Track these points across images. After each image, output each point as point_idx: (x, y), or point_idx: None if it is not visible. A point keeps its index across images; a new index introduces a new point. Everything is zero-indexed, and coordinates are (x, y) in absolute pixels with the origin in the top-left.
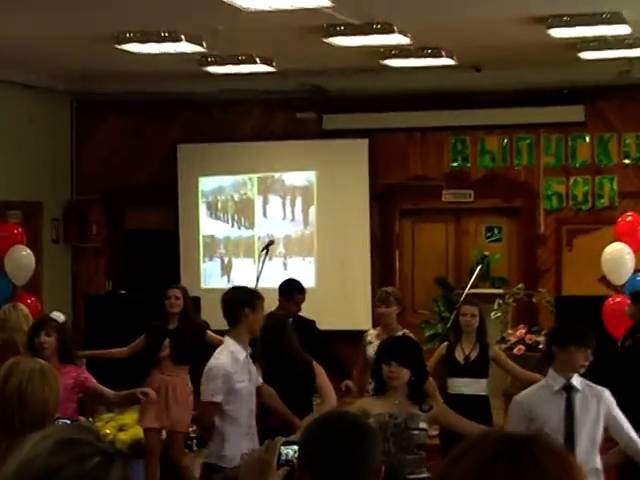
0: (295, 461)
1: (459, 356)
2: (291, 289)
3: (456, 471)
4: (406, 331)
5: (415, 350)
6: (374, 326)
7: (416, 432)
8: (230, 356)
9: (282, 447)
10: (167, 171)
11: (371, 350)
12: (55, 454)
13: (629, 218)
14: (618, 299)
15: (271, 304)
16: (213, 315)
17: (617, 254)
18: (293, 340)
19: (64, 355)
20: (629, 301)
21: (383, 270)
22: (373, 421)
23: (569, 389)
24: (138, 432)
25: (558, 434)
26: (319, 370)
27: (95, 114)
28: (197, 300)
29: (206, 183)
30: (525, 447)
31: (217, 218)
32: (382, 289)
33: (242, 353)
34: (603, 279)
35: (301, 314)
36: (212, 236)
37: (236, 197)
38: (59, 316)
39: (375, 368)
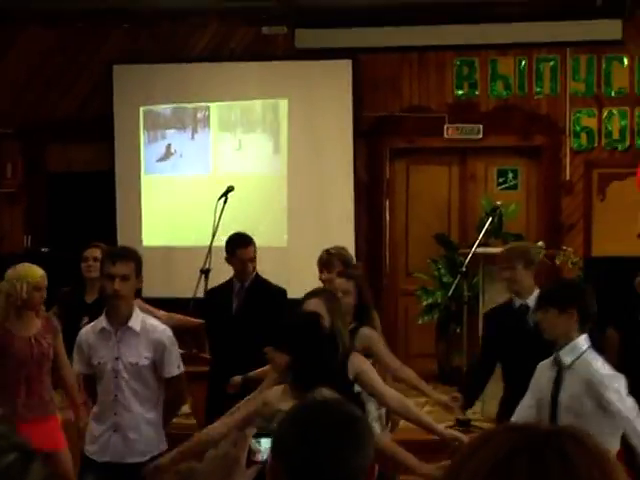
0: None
1: None
2: (229, 242)
3: (467, 468)
4: None
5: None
6: None
7: None
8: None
9: (253, 440)
10: (100, 99)
11: None
12: None
13: None
14: None
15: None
16: (157, 280)
17: None
18: None
19: None
20: None
21: (370, 224)
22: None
23: None
24: None
25: None
26: None
27: (9, 27)
28: None
29: (149, 113)
30: (553, 441)
31: (163, 157)
32: (324, 249)
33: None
34: None
35: (267, 279)
36: (157, 179)
37: (186, 131)
38: None
39: None
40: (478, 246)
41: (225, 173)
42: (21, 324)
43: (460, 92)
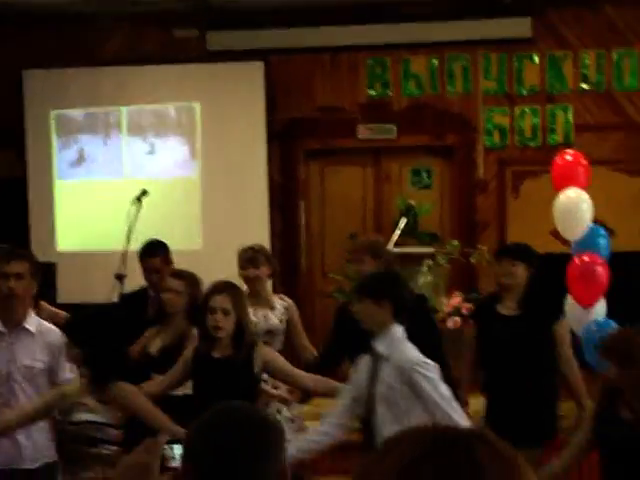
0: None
1: None
2: (140, 250)
3: (375, 473)
4: (283, 296)
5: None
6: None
7: None
8: None
9: (166, 447)
10: (10, 104)
11: None
12: None
13: (568, 157)
14: (586, 258)
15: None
16: (72, 285)
17: (572, 202)
18: None
19: None
20: None
21: (285, 226)
22: None
23: None
24: None
25: None
26: None
27: None
28: (52, 267)
29: (60, 118)
30: (461, 444)
31: (76, 162)
32: (246, 246)
33: None
34: (557, 233)
35: None
36: (70, 184)
37: (99, 135)
38: None
39: None
40: (393, 246)
41: (139, 177)
42: None
43: (373, 92)
